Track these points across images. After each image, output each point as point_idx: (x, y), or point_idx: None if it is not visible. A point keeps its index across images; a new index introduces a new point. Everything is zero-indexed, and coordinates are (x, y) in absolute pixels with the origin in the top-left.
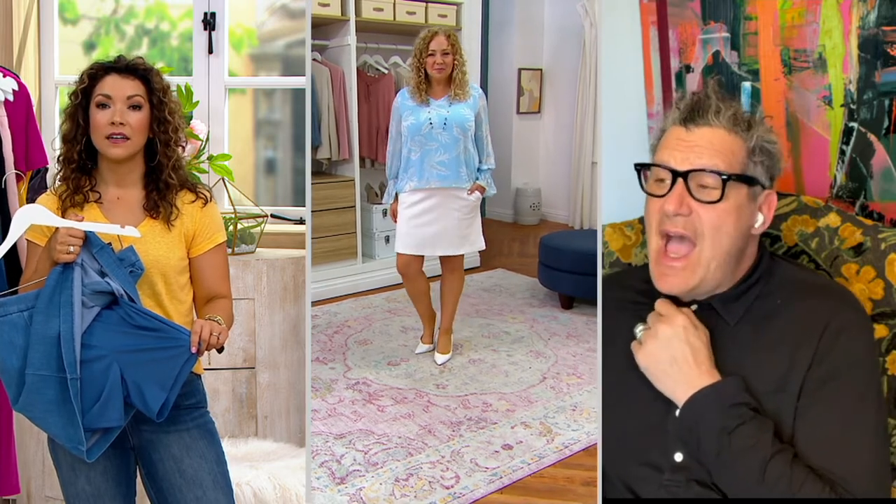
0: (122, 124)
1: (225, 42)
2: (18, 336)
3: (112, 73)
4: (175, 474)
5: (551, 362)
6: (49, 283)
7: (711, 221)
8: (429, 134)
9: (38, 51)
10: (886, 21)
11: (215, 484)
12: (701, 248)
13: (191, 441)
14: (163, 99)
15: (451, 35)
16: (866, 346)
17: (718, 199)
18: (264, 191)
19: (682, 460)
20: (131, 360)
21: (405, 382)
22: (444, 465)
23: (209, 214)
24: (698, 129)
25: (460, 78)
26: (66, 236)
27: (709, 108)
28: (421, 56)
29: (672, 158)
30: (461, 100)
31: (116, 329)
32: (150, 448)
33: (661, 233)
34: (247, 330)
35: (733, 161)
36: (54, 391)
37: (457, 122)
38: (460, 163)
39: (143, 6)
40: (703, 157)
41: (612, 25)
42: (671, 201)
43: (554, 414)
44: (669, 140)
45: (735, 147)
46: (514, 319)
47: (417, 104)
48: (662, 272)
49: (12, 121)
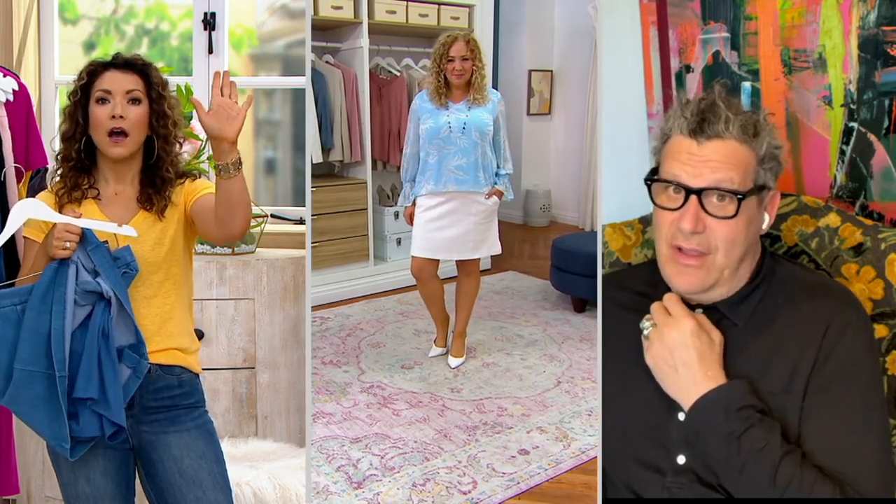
0: (122, 118)
1: (225, 42)
2: (9, 330)
3: (111, 69)
4: (175, 474)
5: (565, 366)
6: (44, 278)
7: (726, 236)
8: (447, 138)
9: (38, 51)
10: (886, 21)
11: (215, 484)
12: (714, 257)
13: (190, 441)
14: (162, 93)
15: (472, 40)
16: (868, 346)
17: (734, 214)
18: (264, 191)
19: (684, 462)
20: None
21: (419, 386)
22: (461, 469)
23: (194, 182)
24: (710, 143)
25: (479, 83)
26: (63, 232)
27: (719, 119)
28: (441, 61)
29: (684, 173)
30: (480, 104)
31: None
32: (150, 448)
33: (672, 246)
34: (247, 330)
35: (746, 174)
36: (42, 387)
37: (476, 127)
38: (478, 167)
39: (143, 6)
40: (717, 172)
41: (612, 25)
42: (687, 220)
43: (570, 419)
44: (680, 153)
45: (747, 158)
46: (527, 322)
47: (436, 107)
48: (678, 270)
49: (12, 121)
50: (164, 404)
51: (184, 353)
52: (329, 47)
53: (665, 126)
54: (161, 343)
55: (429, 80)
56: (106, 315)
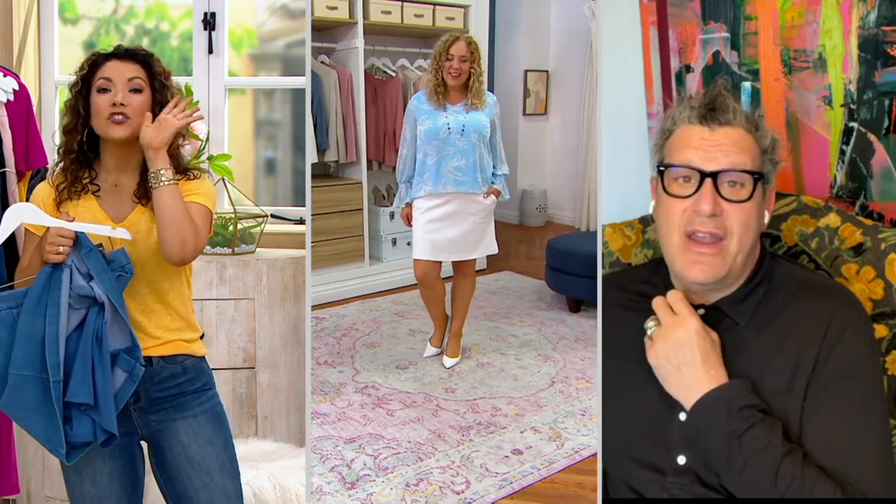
0: (124, 105)
1: (225, 42)
2: (4, 333)
3: (112, 59)
4: (182, 461)
5: (560, 366)
6: (38, 282)
7: (740, 219)
8: (447, 139)
9: (38, 51)
10: (886, 21)
11: (222, 470)
12: (729, 242)
13: (198, 427)
14: (165, 83)
15: (472, 42)
16: (868, 346)
17: (748, 197)
18: (264, 191)
19: (685, 463)
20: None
21: (414, 386)
22: (454, 469)
23: (192, 181)
24: (721, 129)
25: (477, 87)
26: (56, 236)
27: (727, 108)
28: (440, 59)
29: (697, 158)
30: (478, 108)
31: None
32: (159, 437)
33: (687, 232)
34: (247, 330)
35: (755, 160)
36: (36, 392)
37: (475, 129)
38: (476, 168)
39: (143, 6)
40: (731, 155)
41: (611, 25)
42: (706, 202)
43: (563, 419)
44: (692, 139)
45: (753, 146)
46: (522, 323)
47: (434, 108)
48: (692, 259)
49: (12, 121)
50: (171, 393)
51: (186, 342)
52: (324, 48)
53: (668, 122)
54: (162, 336)
55: (427, 78)
56: (100, 319)
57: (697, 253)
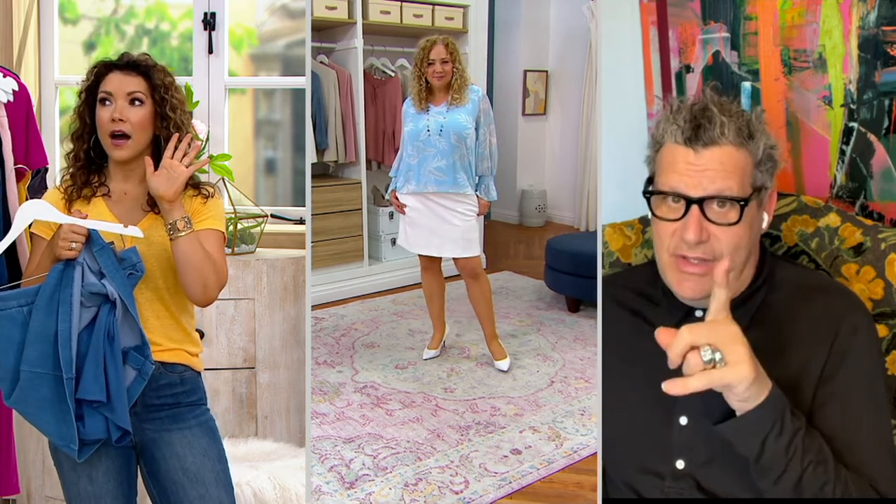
0: (122, 121)
1: (225, 42)
2: (16, 331)
3: (114, 70)
4: (178, 472)
5: (559, 366)
6: (50, 280)
7: (730, 242)
8: (427, 140)
9: (38, 51)
10: (886, 21)
11: (217, 481)
12: (720, 263)
13: (193, 439)
14: (164, 95)
15: (450, 44)
16: (875, 347)
17: (737, 220)
18: (264, 191)
19: (683, 467)
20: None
21: (413, 386)
22: (453, 469)
23: (205, 204)
24: (706, 151)
25: (458, 84)
26: (69, 233)
27: (714, 124)
28: (421, 65)
29: (682, 184)
30: (459, 104)
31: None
32: (153, 446)
33: (675, 255)
34: (247, 330)
35: (744, 179)
36: (49, 389)
37: (454, 130)
38: (457, 168)
39: (143, 6)
40: (716, 181)
41: (611, 25)
42: (691, 230)
43: (562, 418)
44: (676, 163)
45: (744, 163)
46: (521, 322)
47: (417, 112)
48: (682, 278)
49: (12, 121)
50: (167, 402)
51: (188, 353)
52: (323, 48)
53: (657, 133)
54: (165, 343)
55: (411, 84)
56: (111, 317)
57: (687, 273)
